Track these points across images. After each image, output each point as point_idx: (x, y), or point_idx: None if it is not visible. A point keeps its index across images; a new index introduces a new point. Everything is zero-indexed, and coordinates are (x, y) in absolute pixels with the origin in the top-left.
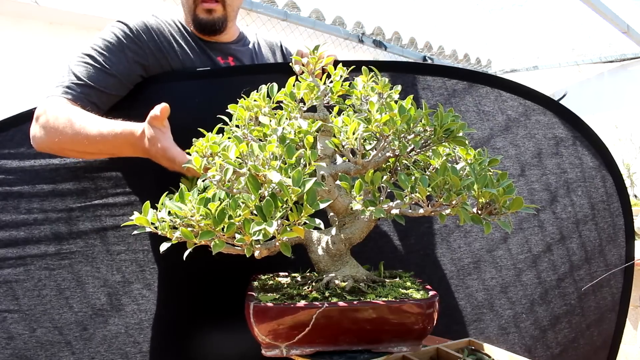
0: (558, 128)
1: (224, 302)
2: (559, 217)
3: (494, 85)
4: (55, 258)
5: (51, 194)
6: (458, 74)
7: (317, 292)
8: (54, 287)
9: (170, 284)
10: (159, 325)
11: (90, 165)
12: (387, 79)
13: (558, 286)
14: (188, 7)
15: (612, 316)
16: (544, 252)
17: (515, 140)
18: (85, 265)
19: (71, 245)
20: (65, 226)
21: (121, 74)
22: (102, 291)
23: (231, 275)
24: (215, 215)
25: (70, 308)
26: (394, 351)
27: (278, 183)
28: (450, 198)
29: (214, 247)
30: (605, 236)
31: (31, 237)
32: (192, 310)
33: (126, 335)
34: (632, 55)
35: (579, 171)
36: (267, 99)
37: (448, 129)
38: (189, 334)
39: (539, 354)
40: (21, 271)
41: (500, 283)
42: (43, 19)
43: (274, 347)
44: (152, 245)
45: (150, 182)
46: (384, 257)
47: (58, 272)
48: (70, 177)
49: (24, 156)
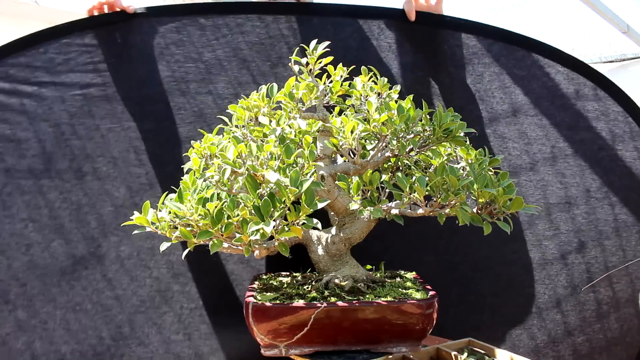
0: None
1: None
2: (576, 217)
3: (532, 50)
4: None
5: (81, 110)
6: (493, 34)
7: (316, 292)
8: (73, 203)
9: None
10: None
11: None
12: (385, 79)
13: (569, 289)
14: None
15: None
16: (556, 252)
17: (550, 109)
18: (104, 184)
19: (94, 163)
20: (91, 144)
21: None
22: (113, 212)
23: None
24: (214, 215)
25: (88, 224)
26: (393, 351)
27: (276, 183)
28: (449, 198)
29: (211, 246)
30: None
31: (58, 150)
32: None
33: (138, 259)
34: (632, 55)
35: (616, 150)
36: (266, 99)
37: (447, 128)
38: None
39: (543, 353)
40: (47, 182)
41: (503, 283)
42: (43, 19)
43: (273, 347)
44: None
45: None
46: (384, 256)
47: (75, 191)
48: (100, 95)
49: (55, 71)
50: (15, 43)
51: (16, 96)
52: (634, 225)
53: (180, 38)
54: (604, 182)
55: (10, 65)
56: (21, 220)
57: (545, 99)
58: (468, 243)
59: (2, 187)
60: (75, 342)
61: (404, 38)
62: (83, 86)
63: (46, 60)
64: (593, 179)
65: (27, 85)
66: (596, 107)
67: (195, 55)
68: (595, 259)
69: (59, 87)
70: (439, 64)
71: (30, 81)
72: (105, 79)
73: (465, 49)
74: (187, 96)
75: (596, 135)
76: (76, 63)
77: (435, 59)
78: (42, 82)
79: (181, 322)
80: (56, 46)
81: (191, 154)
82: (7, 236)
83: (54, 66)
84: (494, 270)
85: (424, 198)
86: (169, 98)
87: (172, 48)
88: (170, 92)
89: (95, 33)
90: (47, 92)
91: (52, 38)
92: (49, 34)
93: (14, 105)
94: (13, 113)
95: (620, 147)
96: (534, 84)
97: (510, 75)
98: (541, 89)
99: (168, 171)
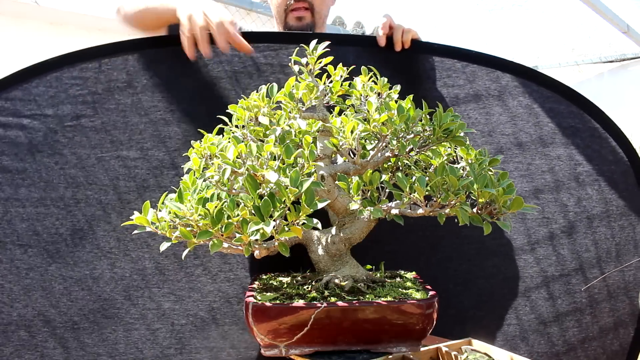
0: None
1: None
2: (568, 209)
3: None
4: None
5: (68, 143)
6: (471, 57)
7: (316, 292)
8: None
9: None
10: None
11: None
12: (385, 79)
13: (566, 287)
14: (279, 15)
15: (632, 322)
16: (552, 250)
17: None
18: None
19: (87, 191)
20: (82, 173)
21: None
22: (111, 235)
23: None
24: (214, 215)
25: (83, 248)
26: (393, 351)
27: (276, 183)
28: (448, 198)
29: (211, 246)
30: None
31: (50, 180)
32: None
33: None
34: (632, 55)
35: (594, 164)
36: (266, 99)
37: (447, 128)
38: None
39: (542, 351)
40: (42, 210)
41: (504, 283)
42: (43, 19)
43: (273, 347)
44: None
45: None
46: (385, 256)
47: (74, 214)
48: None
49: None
50: (9, 78)
51: (12, 128)
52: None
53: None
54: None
55: (5, 99)
56: (20, 246)
57: (520, 118)
58: (470, 242)
59: (2, 215)
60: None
61: (379, 63)
62: (74, 117)
63: (39, 93)
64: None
65: (23, 118)
66: (571, 123)
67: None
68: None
69: (52, 117)
70: (415, 84)
71: (25, 114)
72: (95, 110)
73: (438, 71)
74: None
75: (573, 152)
76: (67, 95)
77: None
78: (36, 115)
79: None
80: (47, 80)
81: (191, 154)
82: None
83: (46, 99)
84: (494, 271)
85: (424, 198)
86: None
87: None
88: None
89: (83, 67)
90: (39, 124)
91: (44, 72)
92: (39, 68)
93: (10, 137)
94: (10, 145)
95: (597, 163)
96: (510, 103)
97: (487, 96)
98: (516, 107)
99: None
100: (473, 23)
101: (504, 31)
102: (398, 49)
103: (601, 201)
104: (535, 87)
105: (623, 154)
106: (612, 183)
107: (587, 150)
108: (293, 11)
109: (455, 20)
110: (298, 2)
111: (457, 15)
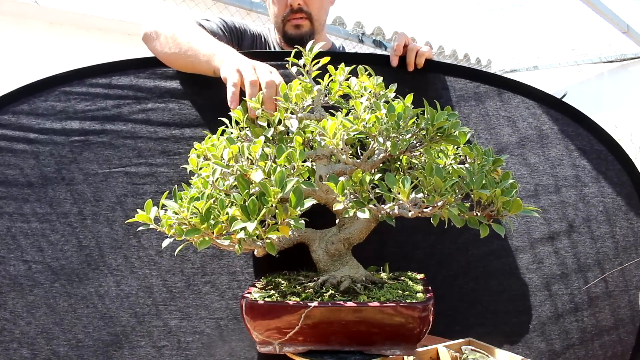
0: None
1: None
2: (569, 216)
3: (518, 92)
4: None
5: (75, 159)
6: (483, 78)
7: (311, 292)
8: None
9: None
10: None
11: (115, 133)
12: (380, 78)
13: (566, 290)
14: (277, 23)
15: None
16: (553, 253)
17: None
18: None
19: (94, 207)
20: (89, 190)
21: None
22: (118, 253)
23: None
24: (202, 213)
25: (89, 265)
26: (387, 354)
27: (260, 183)
28: (434, 199)
29: (199, 244)
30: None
31: (56, 196)
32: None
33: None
34: (632, 55)
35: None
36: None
37: (441, 127)
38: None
39: (542, 351)
40: (47, 226)
41: (505, 284)
42: (43, 19)
43: (268, 344)
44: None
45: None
46: (387, 255)
47: (80, 230)
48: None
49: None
50: (16, 92)
51: (20, 142)
52: (615, 257)
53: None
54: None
55: (12, 112)
56: (24, 262)
57: (529, 139)
58: (472, 242)
59: (6, 230)
60: None
61: (391, 80)
62: (82, 132)
63: (47, 108)
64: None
65: (30, 132)
66: (579, 145)
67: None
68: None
69: (59, 133)
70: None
71: (33, 128)
72: (103, 126)
73: (452, 91)
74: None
75: (579, 172)
76: (75, 110)
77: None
78: (43, 129)
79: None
80: (56, 94)
81: (191, 154)
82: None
83: (55, 113)
84: (495, 272)
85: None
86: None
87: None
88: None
89: (93, 82)
90: (47, 139)
91: (52, 86)
92: (47, 83)
93: (17, 151)
94: (18, 158)
95: (603, 183)
96: (519, 124)
97: (495, 117)
98: (526, 129)
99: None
100: (473, 23)
101: (504, 31)
102: (410, 69)
103: (605, 223)
104: (544, 109)
105: (628, 177)
106: (617, 205)
107: (593, 172)
108: (291, 19)
109: (455, 20)
110: (295, 12)
111: (457, 15)
